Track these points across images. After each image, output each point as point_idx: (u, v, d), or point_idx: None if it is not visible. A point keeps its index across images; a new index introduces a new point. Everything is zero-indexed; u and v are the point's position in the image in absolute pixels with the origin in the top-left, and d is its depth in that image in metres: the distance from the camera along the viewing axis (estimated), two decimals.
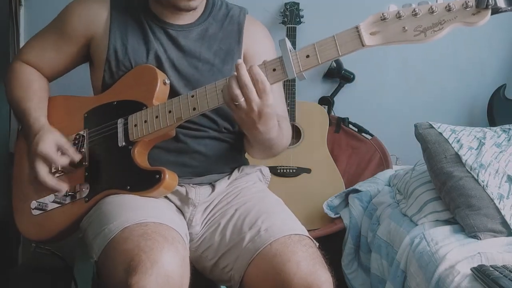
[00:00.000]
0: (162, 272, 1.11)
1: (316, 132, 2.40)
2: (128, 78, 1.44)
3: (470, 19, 1.08)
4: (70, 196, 1.44)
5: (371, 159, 2.42)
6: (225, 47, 1.49)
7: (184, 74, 1.45)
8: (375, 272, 1.91)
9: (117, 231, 1.22)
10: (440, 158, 1.78)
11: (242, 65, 1.21)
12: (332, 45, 1.17)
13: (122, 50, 1.44)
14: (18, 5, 2.45)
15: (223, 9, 1.53)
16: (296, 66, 1.20)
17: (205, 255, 1.39)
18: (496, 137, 1.85)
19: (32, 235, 1.51)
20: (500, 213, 1.63)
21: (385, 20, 1.13)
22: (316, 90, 2.61)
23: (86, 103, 1.50)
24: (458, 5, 1.09)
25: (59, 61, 1.52)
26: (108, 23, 1.46)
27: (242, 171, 1.53)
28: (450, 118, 2.46)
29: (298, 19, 2.46)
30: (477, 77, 2.61)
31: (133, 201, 1.33)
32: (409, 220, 1.82)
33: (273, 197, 1.48)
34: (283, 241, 1.27)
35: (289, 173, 2.33)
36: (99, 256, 1.24)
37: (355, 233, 2.10)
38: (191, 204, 1.43)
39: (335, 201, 2.22)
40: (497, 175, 1.70)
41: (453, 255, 1.49)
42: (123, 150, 1.39)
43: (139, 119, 1.37)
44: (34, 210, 1.47)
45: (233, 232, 1.36)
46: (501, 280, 1.27)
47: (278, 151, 1.46)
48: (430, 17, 1.11)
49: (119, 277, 1.13)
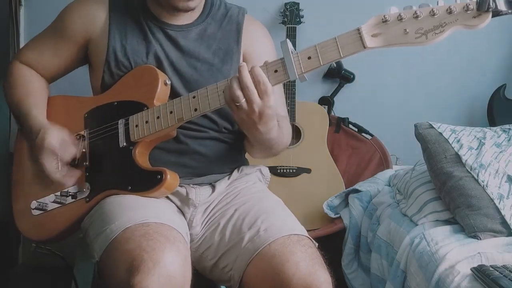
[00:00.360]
0: (164, 272, 1.12)
1: (316, 132, 2.40)
2: (129, 78, 1.44)
3: (471, 22, 1.08)
4: (71, 196, 1.44)
5: (371, 159, 2.42)
6: (224, 47, 1.49)
7: (183, 74, 1.45)
8: (375, 272, 1.91)
9: (119, 231, 1.22)
10: (440, 158, 1.78)
11: (244, 67, 1.21)
12: (333, 46, 1.17)
13: (122, 50, 1.44)
14: (18, 5, 2.45)
15: (222, 9, 1.53)
16: (298, 67, 1.20)
17: (205, 255, 1.40)
18: (496, 137, 1.85)
19: (32, 235, 1.51)
20: (500, 213, 1.64)
21: (387, 22, 1.13)
22: (316, 90, 2.61)
23: (86, 103, 1.50)
24: (459, 8, 1.09)
25: (58, 63, 1.52)
26: (107, 24, 1.46)
27: (241, 171, 1.53)
28: (450, 118, 2.46)
29: (298, 19, 2.46)
30: (477, 77, 2.61)
31: (135, 201, 1.33)
32: (409, 220, 1.82)
33: (273, 197, 1.49)
34: (282, 241, 1.27)
35: (289, 173, 2.33)
36: (100, 256, 1.24)
37: (355, 233, 2.10)
38: (191, 204, 1.43)
39: (335, 201, 2.22)
40: (497, 175, 1.71)
41: (453, 255, 1.49)
42: (124, 150, 1.39)
43: (140, 119, 1.38)
44: (34, 210, 1.48)
45: (232, 232, 1.36)
46: (501, 280, 1.27)
47: (278, 151, 1.46)
48: (431, 20, 1.11)
49: (121, 277, 1.14)
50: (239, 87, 1.21)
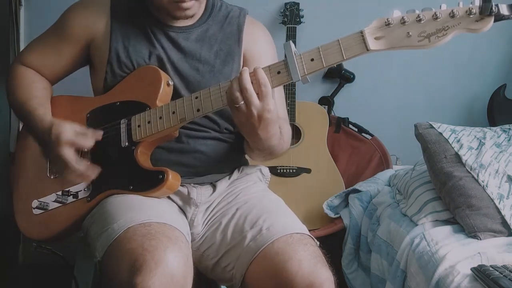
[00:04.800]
0: (166, 272, 1.12)
1: (316, 132, 2.41)
2: (131, 78, 1.44)
3: (474, 26, 1.09)
4: (72, 195, 1.44)
5: (371, 159, 2.42)
6: (225, 48, 1.49)
7: (185, 76, 1.45)
8: (375, 272, 1.92)
9: (120, 231, 1.22)
10: (440, 158, 1.78)
11: (246, 69, 1.21)
12: (336, 49, 1.18)
13: (124, 52, 1.45)
14: (18, 5, 2.44)
15: (223, 10, 1.53)
16: (301, 69, 1.20)
17: (206, 254, 1.40)
18: (496, 137, 1.85)
19: (33, 235, 1.51)
20: (500, 213, 1.64)
21: (390, 25, 1.14)
22: (316, 90, 2.61)
23: (89, 103, 1.50)
24: (462, 11, 1.10)
25: (60, 64, 1.52)
26: (109, 26, 1.46)
27: (242, 171, 1.54)
28: (450, 118, 2.47)
29: (298, 19, 2.46)
30: (477, 77, 2.62)
31: (136, 201, 1.33)
32: (409, 220, 1.82)
33: (274, 197, 1.49)
34: (285, 240, 1.28)
35: (289, 173, 2.34)
36: (102, 255, 1.24)
37: (355, 233, 2.11)
38: (192, 204, 1.43)
39: (335, 201, 2.22)
40: (497, 175, 1.71)
41: (453, 255, 1.50)
42: (126, 150, 1.39)
43: (142, 119, 1.38)
44: (35, 210, 1.48)
45: (234, 231, 1.37)
46: (501, 280, 1.28)
47: (278, 155, 1.46)
48: (434, 23, 1.11)
49: (123, 277, 1.14)
50: (238, 89, 1.21)
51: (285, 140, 1.44)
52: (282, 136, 1.40)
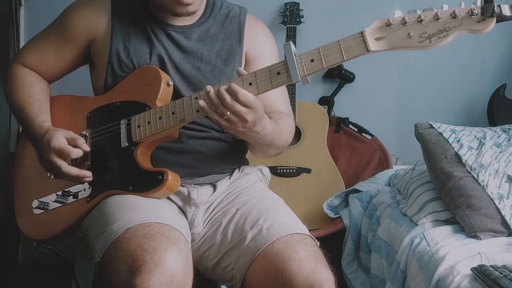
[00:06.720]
0: (166, 273, 1.12)
1: (316, 132, 2.41)
2: (131, 78, 1.44)
3: (475, 27, 1.08)
4: (72, 195, 1.44)
5: (371, 159, 2.42)
6: (226, 47, 1.49)
7: (187, 75, 1.45)
8: (375, 272, 1.92)
9: (120, 232, 1.22)
10: (440, 158, 1.78)
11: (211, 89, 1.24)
12: (337, 49, 1.17)
13: (125, 51, 1.44)
14: (18, 5, 2.44)
15: (223, 9, 1.53)
16: (301, 70, 1.20)
17: (206, 255, 1.40)
18: (496, 137, 1.85)
19: (33, 234, 1.51)
20: (500, 213, 1.64)
21: (390, 26, 1.13)
22: (316, 90, 2.60)
23: (89, 103, 1.50)
24: (464, 12, 1.09)
25: (59, 63, 1.52)
26: (110, 25, 1.46)
27: (242, 171, 1.54)
28: (450, 118, 2.47)
29: (298, 19, 2.45)
30: (477, 77, 2.61)
31: (136, 202, 1.33)
32: (409, 220, 1.82)
33: (274, 197, 1.49)
34: (285, 240, 1.28)
35: (289, 173, 2.33)
36: (101, 256, 1.24)
37: (355, 233, 2.11)
38: (193, 204, 1.43)
39: (335, 201, 2.22)
40: (497, 175, 1.71)
41: (453, 255, 1.50)
42: (126, 150, 1.39)
43: (142, 120, 1.38)
44: (35, 209, 1.48)
45: (234, 231, 1.37)
46: (501, 280, 1.28)
47: (279, 147, 1.46)
48: (435, 24, 1.10)
49: (123, 277, 1.14)
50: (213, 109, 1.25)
51: (282, 130, 1.44)
52: (278, 125, 1.40)
